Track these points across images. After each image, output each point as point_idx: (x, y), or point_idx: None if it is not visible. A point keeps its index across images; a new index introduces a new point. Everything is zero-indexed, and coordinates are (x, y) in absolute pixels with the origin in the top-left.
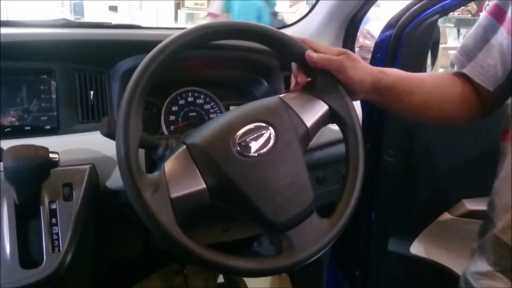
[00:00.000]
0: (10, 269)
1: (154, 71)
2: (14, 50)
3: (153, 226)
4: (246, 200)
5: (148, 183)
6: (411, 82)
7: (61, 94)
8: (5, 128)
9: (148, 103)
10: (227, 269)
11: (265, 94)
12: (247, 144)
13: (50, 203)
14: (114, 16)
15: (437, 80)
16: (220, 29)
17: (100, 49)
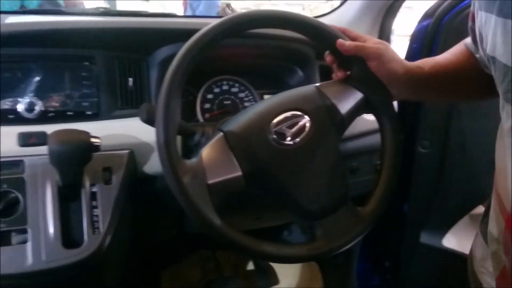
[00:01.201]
0: (53, 248)
1: (193, 59)
2: (59, 37)
3: (190, 211)
4: (281, 188)
5: (186, 169)
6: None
7: (101, 81)
8: (48, 113)
9: (184, 91)
10: (261, 254)
11: (299, 83)
12: (283, 132)
13: (91, 186)
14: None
15: (463, 60)
16: (257, 18)
17: (139, 37)
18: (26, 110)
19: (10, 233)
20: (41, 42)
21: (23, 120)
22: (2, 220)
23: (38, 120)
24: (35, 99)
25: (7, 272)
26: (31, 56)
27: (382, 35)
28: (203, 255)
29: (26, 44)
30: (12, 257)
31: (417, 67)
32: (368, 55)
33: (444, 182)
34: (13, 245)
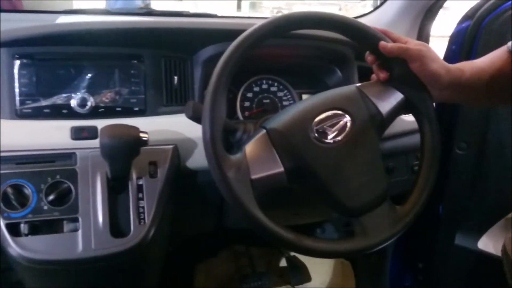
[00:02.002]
0: (102, 237)
1: (239, 58)
2: (109, 37)
3: (234, 204)
4: (322, 184)
5: (231, 164)
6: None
7: (148, 79)
8: (99, 108)
9: None
10: (301, 248)
11: (338, 83)
12: (324, 130)
13: (137, 179)
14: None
15: (504, 65)
16: (301, 19)
17: (184, 37)
18: (78, 105)
19: (62, 221)
20: (93, 41)
21: (75, 115)
22: (55, 209)
23: (89, 115)
24: (87, 95)
25: (59, 257)
26: (84, 54)
27: (421, 36)
28: (237, 250)
29: (79, 43)
30: (64, 244)
31: (458, 69)
32: (410, 57)
33: (480, 184)
34: (65, 232)
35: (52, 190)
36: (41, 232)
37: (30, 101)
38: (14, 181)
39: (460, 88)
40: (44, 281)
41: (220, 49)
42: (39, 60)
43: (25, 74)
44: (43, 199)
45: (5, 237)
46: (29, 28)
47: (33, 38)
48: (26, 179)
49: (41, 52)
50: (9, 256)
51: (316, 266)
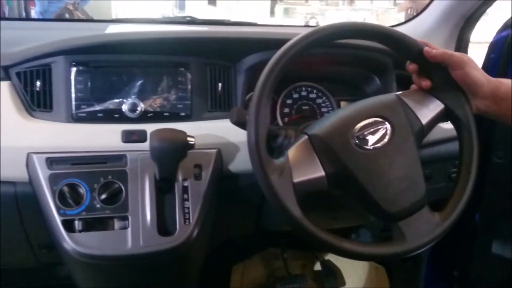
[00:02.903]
0: (149, 235)
1: (283, 67)
2: (158, 46)
3: (277, 206)
4: (361, 189)
5: (274, 168)
6: None
7: (194, 85)
8: (148, 113)
9: None
10: (341, 250)
11: (376, 91)
12: (365, 137)
13: (183, 181)
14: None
15: None
16: (345, 29)
17: (229, 46)
18: (129, 110)
19: (113, 219)
20: (143, 50)
21: (126, 119)
22: (107, 207)
23: (139, 119)
24: (137, 101)
25: (110, 253)
26: (135, 62)
27: (460, 46)
28: (272, 253)
29: (130, 51)
30: (114, 241)
31: (497, 80)
32: (455, 63)
33: None
34: (115, 230)
35: (105, 190)
36: (94, 228)
37: (85, 105)
38: (70, 181)
39: (498, 100)
40: (94, 275)
41: (263, 57)
42: (94, 67)
43: (81, 81)
44: (96, 198)
45: (61, 233)
46: (85, 38)
47: (89, 47)
48: (81, 179)
49: (95, 60)
50: (62, 251)
51: (350, 270)
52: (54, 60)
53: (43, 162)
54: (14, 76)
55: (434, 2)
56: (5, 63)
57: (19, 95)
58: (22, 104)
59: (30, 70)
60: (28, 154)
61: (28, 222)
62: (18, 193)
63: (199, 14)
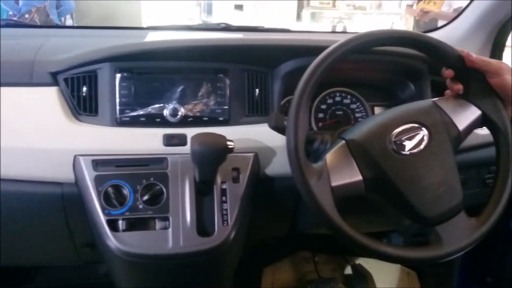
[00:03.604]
0: (189, 235)
1: (322, 72)
2: (198, 53)
3: (315, 209)
4: (398, 194)
5: (313, 172)
6: None
7: (232, 91)
8: (188, 117)
9: None
10: (378, 253)
11: (411, 96)
12: (402, 142)
13: (221, 183)
14: (240, 14)
15: None
16: (383, 36)
17: (266, 52)
18: (170, 115)
19: (154, 220)
20: (184, 57)
21: (167, 123)
22: (149, 208)
23: (179, 124)
24: (178, 106)
25: (151, 252)
26: (176, 68)
27: (495, 53)
28: (302, 256)
29: (172, 58)
30: (156, 240)
31: None
32: (493, 70)
33: None
34: (157, 230)
35: (147, 191)
36: (136, 228)
37: (129, 110)
38: (114, 182)
39: None
40: (133, 273)
41: (299, 64)
42: (137, 73)
43: (125, 86)
44: (138, 199)
45: (106, 232)
46: (130, 46)
47: (133, 54)
48: (125, 180)
49: (139, 67)
50: (105, 249)
51: (381, 275)
52: (100, 67)
53: (89, 164)
54: (62, 82)
55: (469, 8)
56: (53, 69)
57: (66, 100)
58: (69, 108)
59: (77, 76)
60: (75, 156)
61: (73, 221)
62: (64, 194)
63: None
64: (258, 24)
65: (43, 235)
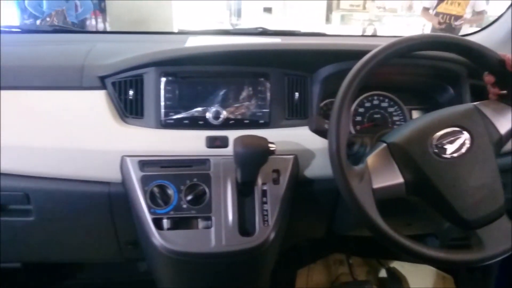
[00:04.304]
0: (231, 235)
1: (364, 76)
2: (239, 57)
3: (357, 210)
4: (440, 197)
5: (354, 174)
6: None
7: (273, 94)
8: (230, 120)
9: None
10: (419, 255)
11: (449, 100)
12: (443, 146)
13: (262, 185)
14: (268, 16)
15: None
16: (424, 41)
17: (306, 57)
18: (213, 117)
19: (197, 219)
20: (226, 61)
21: (210, 125)
22: (192, 208)
23: (221, 126)
24: (220, 109)
25: (194, 250)
26: (218, 73)
27: None
28: (336, 259)
29: (215, 63)
30: (199, 239)
31: None
32: None
33: None
34: (200, 229)
35: (190, 191)
36: (180, 227)
37: (173, 113)
38: (160, 182)
39: None
40: (176, 270)
41: (339, 68)
42: (181, 77)
43: (170, 90)
44: (182, 199)
45: (151, 230)
46: (175, 51)
47: (178, 59)
48: (169, 181)
49: (183, 71)
50: (150, 247)
51: (416, 279)
52: (146, 71)
53: (136, 165)
54: (110, 85)
55: (508, 11)
56: (102, 73)
57: (113, 103)
58: (116, 111)
59: (124, 80)
60: (122, 157)
61: (118, 219)
62: (111, 193)
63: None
64: (287, 27)
65: (90, 232)
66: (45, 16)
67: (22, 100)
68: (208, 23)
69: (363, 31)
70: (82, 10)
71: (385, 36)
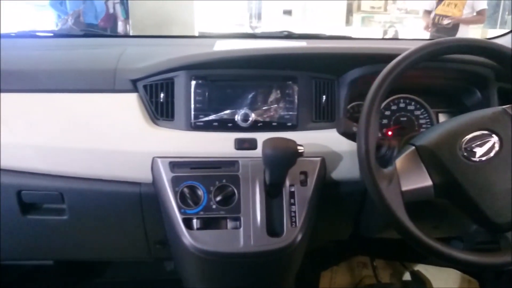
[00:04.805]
0: (259, 235)
1: (393, 80)
2: (268, 61)
3: (386, 212)
4: (469, 200)
5: (383, 176)
6: None
7: (300, 97)
8: (258, 122)
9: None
10: (449, 258)
11: (477, 104)
12: (472, 149)
13: (290, 186)
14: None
15: None
16: (453, 45)
17: (333, 61)
18: (242, 120)
19: (226, 219)
20: (255, 65)
21: (239, 128)
22: (221, 208)
23: (250, 129)
24: (249, 111)
25: (223, 250)
26: (247, 76)
27: None
28: (360, 260)
29: (244, 66)
30: (228, 239)
31: None
32: None
33: None
34: (229, 229)
35: (220, 192)
36: (209, 227)
37: (203, 115)
38: (190, 183)
39: None
40: (204, 269)
41: (366, 71)
42: (211, 81)
43: (200, 93)
44: (212, 199)
45: (182, 230)
46: (205, 55)
47: (208, 63)
48: (199, 182)
49: (213, 74)
50: (180, 246)
51: (440, 282)
52: (177, 75)
53: (167, 166)
54: (141, 88)
55: None
56: (133, 77)
57: (145, 105)
58: (148, 113)
59: (155, 83)
60: (153, 158)
61: (148, 219)
62: (142, 193)
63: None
64: (307, 29)
65: (120, 231)
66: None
67: (58, 102)
68: (227, 26)
69: (384, 33)
70: (101, 11)
71: (410, 39)
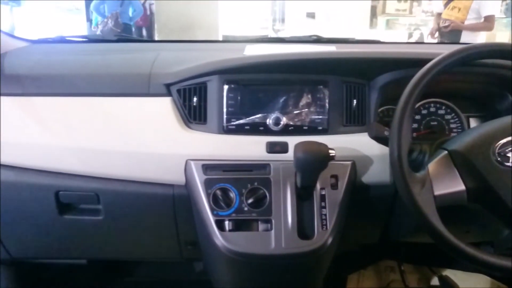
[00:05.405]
0: (290, 238)
1: (426, 84)
2: (299, 66)
3: (419, 216)
4: (502, 205)
5: (416, 180)
6: None
7: (331, 102)
8: (289, 126)
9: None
10: (483, 263)
11: (508, 108)
12: (506, 154)
13: (321, 189)
14: (312, 22)
15: None
16: (487, 49)
17: (365, 65)
18: (273, 124)
19: (258, 222)
20: (287, 69)
21: (270, 131)
22: (253, 210)
23: (281, 132)
24: (280, 115)
25: (255, 252)
26: (279, 80)
27: None
28: (387, 265)
29: (275, 71)
30: (259, 241)
31: None
32: None
33: None
34: (260, 231)
35: (251, 195)
36: (241, 229)
37: (235, 119)
38: (222, 185)
39: None
40: (235, 271)
41: (397, 76)
42: (243, 85)
43: (232, 97)
44: (244, 202)
45: (214, 231)
46: (238, 59)
47: (240, 68)
48: (231, 184)
49: (245, 79)
50: (211, 247)
51: (469, 287)
52: (210, 79)
53: (200, 168)
54: (175, 92)
55: None
56: (167, 81)
57: (178, 109)
58: (181, 117)
59: (188, 88)
60: (187, 160)
61: (181, 220)
62: (175, 195)
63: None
64: (331, 32)
65: (153, 232)
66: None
67: (95, 106)
68: (251, 29)
69: (409, 36)
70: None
71: (440, 43)
